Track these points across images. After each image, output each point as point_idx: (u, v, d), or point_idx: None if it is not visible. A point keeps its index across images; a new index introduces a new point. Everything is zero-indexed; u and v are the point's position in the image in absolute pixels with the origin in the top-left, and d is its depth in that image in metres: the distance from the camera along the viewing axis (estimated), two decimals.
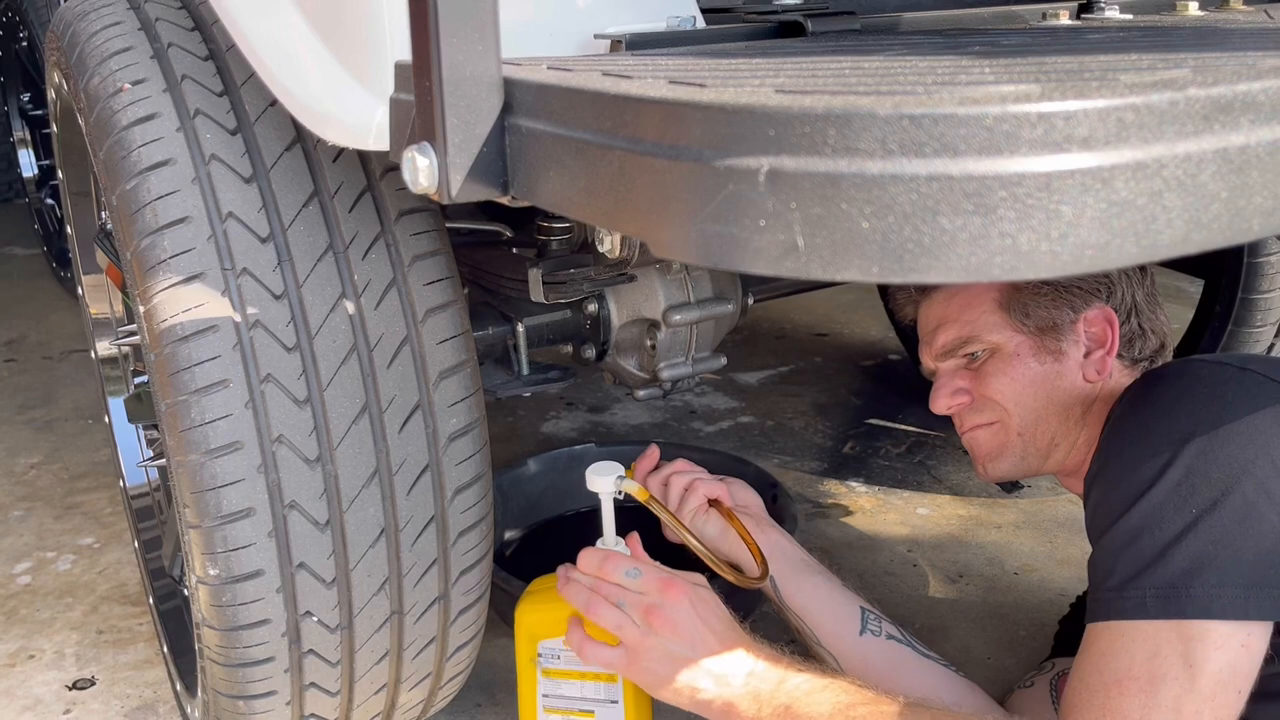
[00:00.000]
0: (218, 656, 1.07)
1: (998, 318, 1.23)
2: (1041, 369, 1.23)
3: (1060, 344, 1.22)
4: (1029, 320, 1.22)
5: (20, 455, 2.37)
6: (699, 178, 0.51)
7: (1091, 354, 1.22)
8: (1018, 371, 1.23)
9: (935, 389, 1.29)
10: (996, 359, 1.24)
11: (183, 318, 0.97)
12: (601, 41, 0.88)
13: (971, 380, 1.26)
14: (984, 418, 1.26)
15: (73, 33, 1.12)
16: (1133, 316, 1.24)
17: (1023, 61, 0.64)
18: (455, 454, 1.09)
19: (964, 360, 1.27)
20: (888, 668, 1.22)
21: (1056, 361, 1.23)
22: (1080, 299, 1.23)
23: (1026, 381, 1.23)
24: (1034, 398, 1.23)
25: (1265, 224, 0.51)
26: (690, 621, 1.09)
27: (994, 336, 1.24)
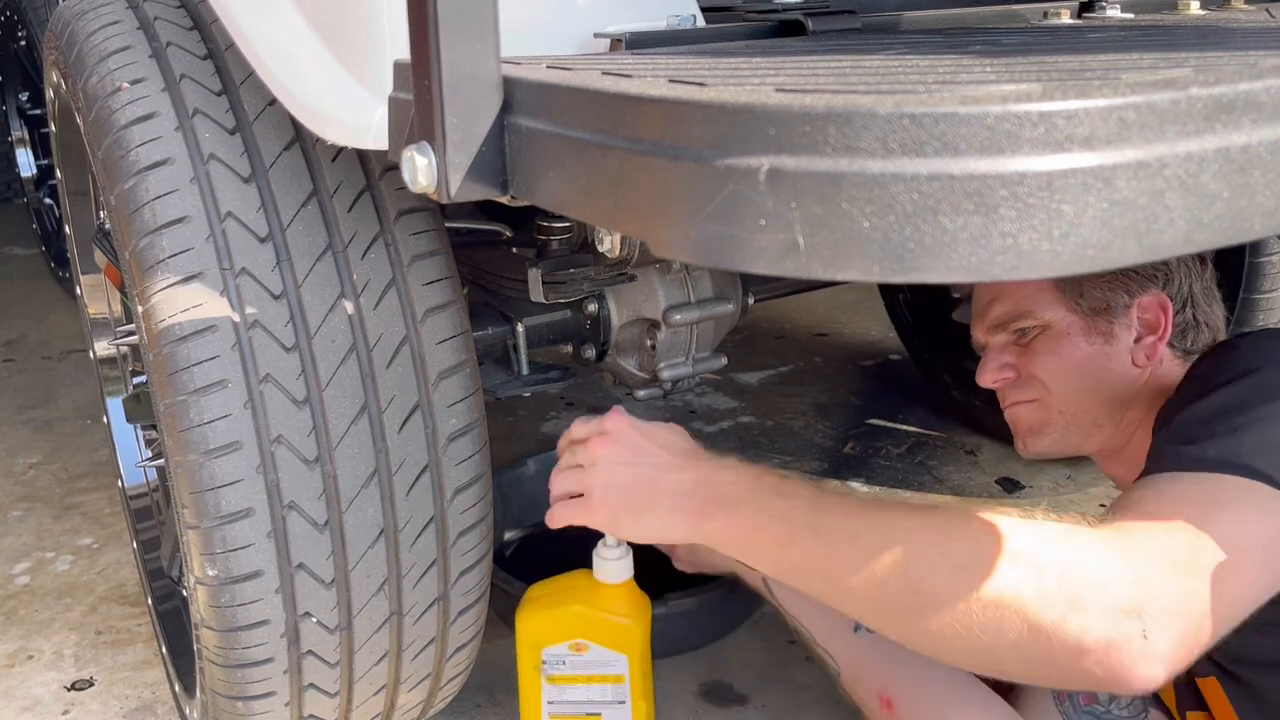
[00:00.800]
0: (216, 657, 1.07)
1: (1052, 295, 1.24)
2: (1090, 349, 1.23)
3: (1112, 326, 1.23)
4: (1083, 301, 1.23)
5: (19, 455, 2.37)
6: (699, 177, 0.51)
7: (1143, 339, 1.23)
8: (1065, 351, 1.24)
9: (983, 362, 1.30)
10: (1046, 337, 1.25)
11: (181, 318, 0.97)
12: (601, 40, 0.88)
13: (1019, 356, 1.27)
14: (1026, 394, 1.27)
15: (71, 32, 1.12)
16: (1188, 307, 1.25)
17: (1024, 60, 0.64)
18: (455, 454, 1.08)
19: (1014, 335, 1.28)
20: (886, 666, 1.21)
21: (1106, 344, 1.23)
22: (1137, 284, 1.23)
23: (1073, 361, 1.23)
24: (1078, 378, 1.23)
25: (1267, 224, 0.51)
26: (631, 436, 1.01)
27: (1046, 314, 1.24)
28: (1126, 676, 0.79)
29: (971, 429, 2.35)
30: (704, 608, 1.55)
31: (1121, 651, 0.78)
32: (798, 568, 0.90)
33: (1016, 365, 1.27)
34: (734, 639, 1.66)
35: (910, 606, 0.83)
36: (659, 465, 0.99)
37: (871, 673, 1.22)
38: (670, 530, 0.96)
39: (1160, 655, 0.79)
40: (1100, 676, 0.79)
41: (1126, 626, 0.78)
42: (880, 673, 1.21)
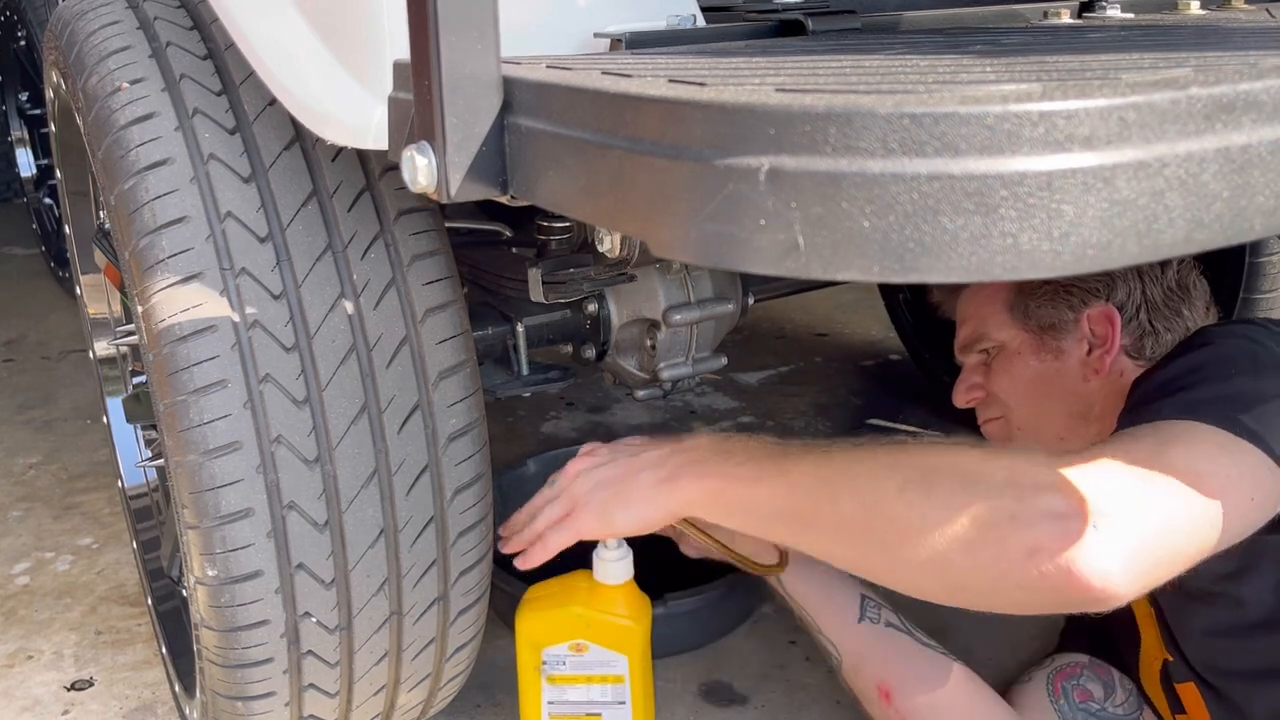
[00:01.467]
0: (216, 657, 1.07)
1: (1004, 316, 1.28)
2: (1040, 367, 1.26)
3: (1060, 342, 1.25)
4: (1030, 319, 1.26)
5: (19, 455, 2.37)
6: (699, 177, 0.51)
7: (1092, 352, 1.24)
8: (1017, 370, 1.27)
9: (956, 384, 1.36)
10: (1002, 357, 1.29)
11: (181, 318, 0.97)
12: (601, 40, 0.88)
13: (984, 376, 1.32)
14: (992, 413, 1.33)
15: (71, 32, 1.12)
16: (1142, 313, 1.25)
17: (1024, 60, 0.64)
18: (455, 454, 1.08)
19: (982, 356, 1.32)
20: (886, 655, 1.22)
21: (1056, 359, 1.25)
22: (1078, 298, 1.25)
23: (1025, 379, 1.27)
24: (1031, 394, 1.26)
25: (1267, 223, 0.51)
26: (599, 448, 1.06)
27: (1000, 334, 1.29)
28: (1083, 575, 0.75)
29: (971, 429, 2.34)
30: (704, 607, 1.55)
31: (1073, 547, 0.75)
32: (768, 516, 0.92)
33: (983, 384, 1.32)
34: (734, 639, 1.66)
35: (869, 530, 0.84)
36: (632, 454, 1.03)
37: (872, 664, 1.23)
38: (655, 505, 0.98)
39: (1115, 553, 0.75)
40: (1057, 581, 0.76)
41: (1076, 522, 0.76)
42: (881, 664, 1.23)
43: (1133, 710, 1.26)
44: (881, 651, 1.23)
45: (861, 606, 1.25)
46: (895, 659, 1.22)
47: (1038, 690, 1.27)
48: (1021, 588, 0.78)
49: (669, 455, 0.99)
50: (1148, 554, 0.78)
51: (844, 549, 0.89)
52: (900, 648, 1.23)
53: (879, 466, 0.86)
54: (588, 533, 1.05)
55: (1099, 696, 1.26)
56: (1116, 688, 1.27)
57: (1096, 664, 1.29)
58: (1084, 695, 1.26)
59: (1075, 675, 1.28)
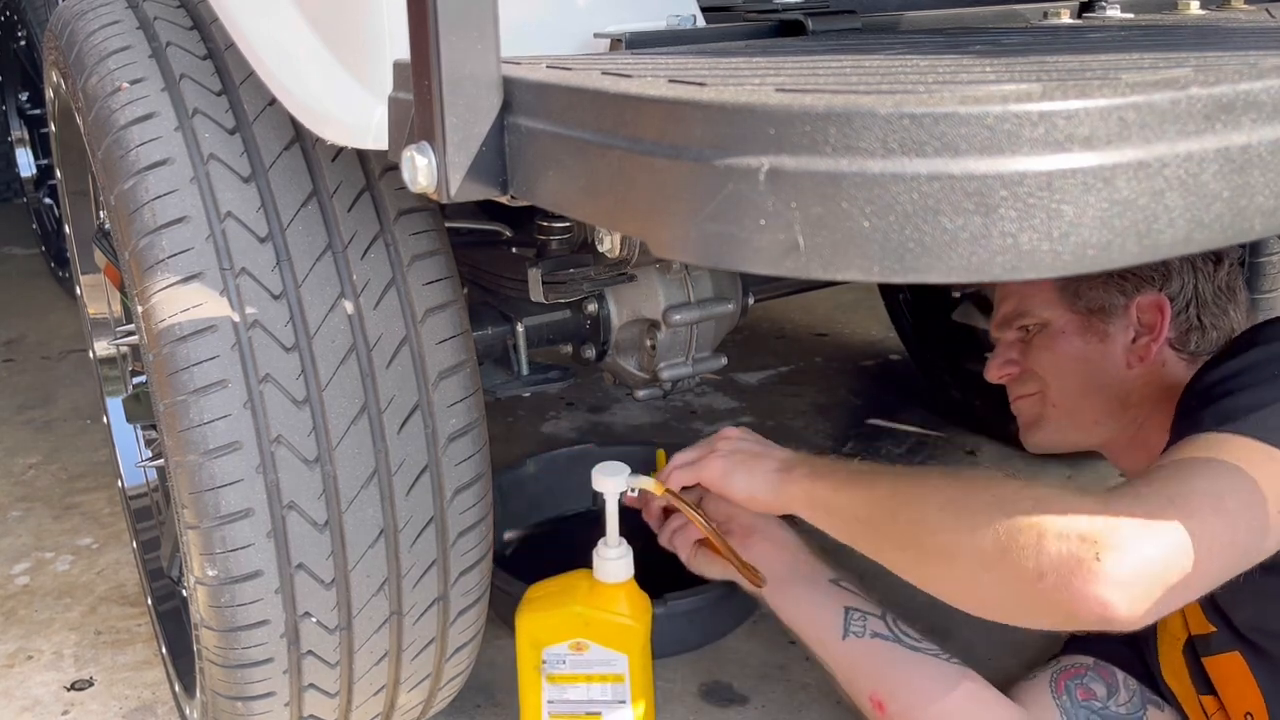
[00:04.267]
0: (216, 657, 1.07)
1: (1052, 295, 1.28)
2: (1084, 348, 1.26)
3: (1107, 326, 1.25)
4: (1079, 300, 1.26)
5: (19, 455, 2.37)
6: (699, 177, 0.51)
7: (1138, 339, 1.25)
8: (1060, 348, 1.27)
9: (991, 358, 1.36)
10: (1044, 334, 1.29)
11: (181, 317, 0.97)
12: (601, 40, 0.88)
13: (1021, 352, 1.32)
14: (1027, 389, 1.32)
15: (71, 32, 1.12)
16: (1191, 307, 1.26)
17: (1024, 60, 0.64)
18: (455, 454, 1.08)
19: (1020, 332, 1.32)
20: (875, 668, 1.21)
21: (1100, 342, 1.26)
22: (1133, 284, 1.25)
23: (1067, 358, 1.27)
24: (1072, 374, 1.27)
25: (1267, 223, 0.51)
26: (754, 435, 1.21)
27: (1045, 312, 1.28)
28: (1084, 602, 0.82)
29: (971, 429, 2.35)
30: (704, 607, 1.55)
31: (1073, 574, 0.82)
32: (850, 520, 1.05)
33: (1019, 361, 1.32)
34: (734, 639, 1.66)
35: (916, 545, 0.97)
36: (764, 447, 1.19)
37: (862, 677, 1.22)
38: (768, 487, 1.13)
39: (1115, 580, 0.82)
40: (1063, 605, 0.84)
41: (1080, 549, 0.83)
42: (870, 677, 1.22)
43: (1135, 710, 1.26)
44: (870, 664, 1.22)
45: (845, 622, 1.23)
46: (884, 669, 1.21)
47: (1040, 687, 1.27)
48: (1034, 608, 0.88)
49: (795, 459, 1.15)
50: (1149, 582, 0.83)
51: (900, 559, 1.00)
52: (888, 657, 1.21)
53: (929, 488, 0.98)
54: (706, 480, 1.18)
55: (1101, 696, 1.26)
56: (1120, 688, 1.27)
57: (1101, 666, 1.29)
58: (1087, 694, 1.26)
59: (1079, 675, 1.28)
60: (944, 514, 0.93)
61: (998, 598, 0.90)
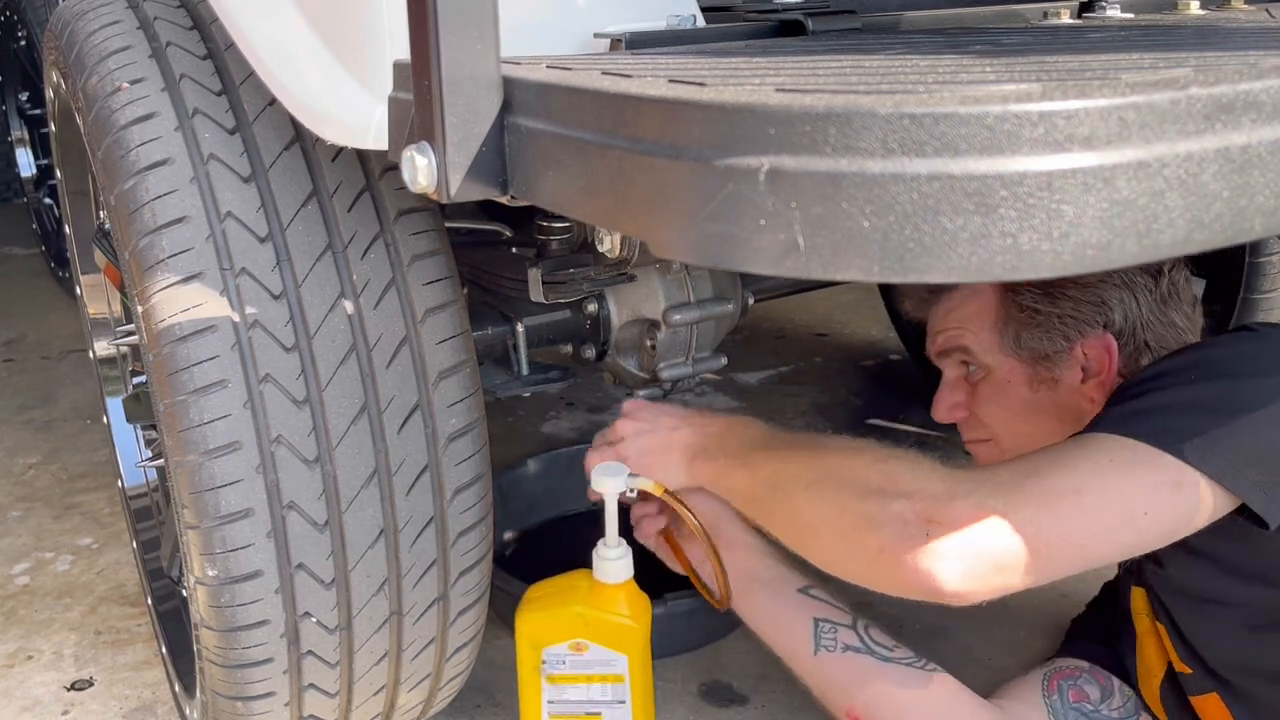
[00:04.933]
0: (216, 657, 1.07)
1: (991, 338, 1.22)
2: (1034, 397, 1.21)
3: (1054, 371, 1.20)
4: (1020, 348, 1.20)
5: (19, 455, 2.37)
6: (699, 177, 0.51)
7: (1088, 380, 1.20)
8: (1008, 400, 1.22)
9: (937, 397, 1.31)
10: (989, 383, 1.24)
11: (181, 317, 0.97)
12: (601, 40, 0.88)
13: (968, 396, 1.27)
14: (977, 435, 1.28)
15: (71, 32, 1.12)
16: (1136, 332, 1.21)
17: (1024, 60, 0.64)
18: (455, 454, 1.08)
19: (962, 369, 1.27)
20: (848, 681, 1.18)
21: (1050, 390, 1.21)
22: (1074, 329, 1.20)
23: (1017, 409, 1.22)
24: (1025, 424, 1.21)
25: (1267, 223, 0.51)
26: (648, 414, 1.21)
27: (987, 358, 1.23)
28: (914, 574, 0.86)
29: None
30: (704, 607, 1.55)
31: (903, 546, 0.87)
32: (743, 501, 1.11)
33: (966, 405, 1.27)
34: (734, 639, 1.66)
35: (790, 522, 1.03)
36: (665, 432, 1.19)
37: (835, 692, 1.20)
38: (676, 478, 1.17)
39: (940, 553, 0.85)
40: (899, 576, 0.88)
41: (913, 527, 0.87)
42: (844, 691, 1.19)
43: (1129, 715, 1.25)
44: (843, 678, 1.19)
45: (815, 635, 1.20)
46: (857, 683, 1.18)
47: (1032, 685, 1.26)
48: (880, 579, 0.92)
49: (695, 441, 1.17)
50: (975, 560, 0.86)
51: (783, 534, 1.06)
52: (861, 670, 1.18)
53: (801, 465, 1.02)
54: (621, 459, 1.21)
55: (1094, 699, 1.25)
56: (1115, 693, 1.26)
57: (1097, 670, 1.28)
58: (1079, 696, 1.25)
59: (1073, 676, 1.27)
60: (808, 492, 0.99)
61: (855, 568, 0.94)
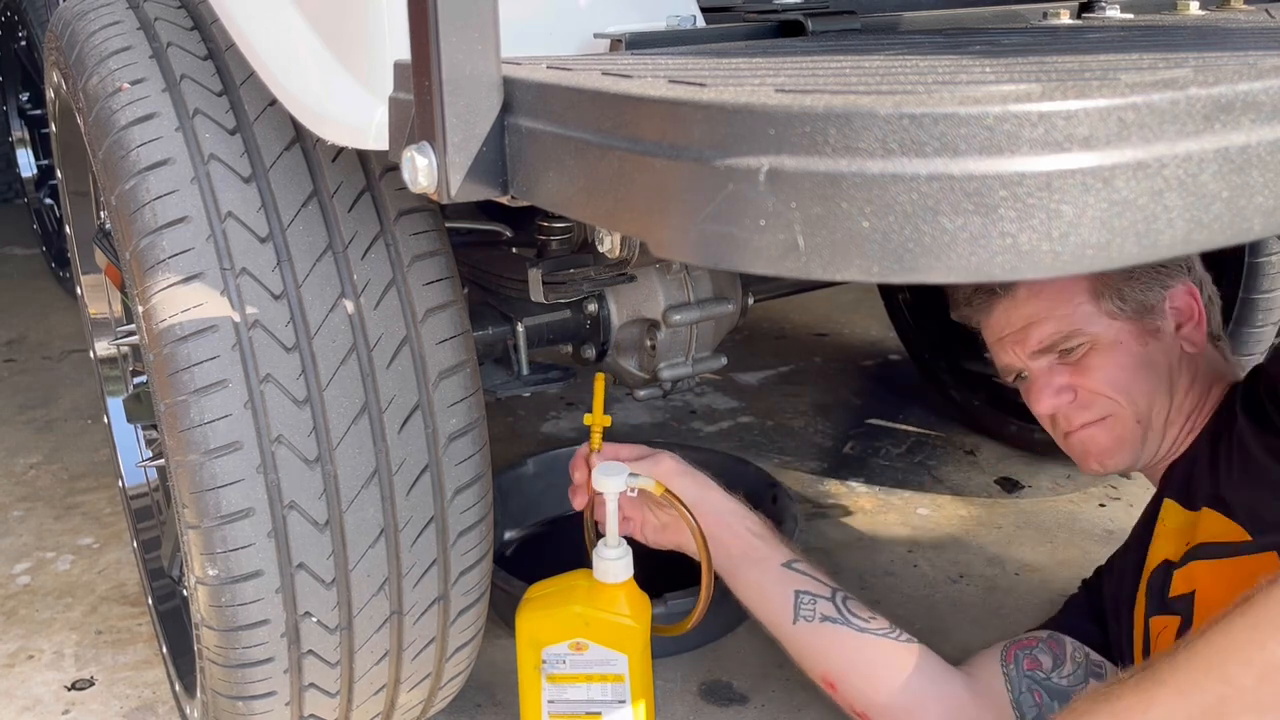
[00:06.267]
0: (217, 657, 1.07)
1: (1093, 307, 1.22)
2: (1145, 352, 1.21)
3: (1157, 322, 1.22)
4: (1125, 305, 1.21)
5: (20, 455, 2.37)
6: (699, 177, 0.51)
7: (1183, 328, 1.23)
8: (1124, 359, 1.21)
9: (1036, 389, 1.25)
10: (1098, 351, 1.21)
11: (182, 318, 0.97)
12: (601, 41, 0.88)
13: (1073, 375, 1.23)
14: (1094, 413, 1.23)
15: (71, 32, 1.12)
16: (1205, 287, 1.26)
17: (1023, 61, 0.64)
18: (455, 454, 1.09)
19: (1056, 355, 1.24)
20: (825, 650, 1.24)
21: (1158, 340, 1.22)
22: (1169, 275, 1.23)
23: (1135, 368, 1.21)
24: (1145, 381, 1.21)
25: (1266, 224, 0.51)
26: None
27: (1094, 328, 1.21)
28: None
29: (971, 429, 2.35)
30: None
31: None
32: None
33: (1074, 385, 1.22)
34: (734, 639, 1.66)
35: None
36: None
37: (812, 660, 1.25)
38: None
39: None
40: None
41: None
42: (820, 659, 1.25)
43: (1077, 683, 1.27)
44: (820, 647, 1.24)
45: (796, 606, 1.24)
46: (833, 651, 1.23)
47: (992, 656, 1.29)
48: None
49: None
50: None
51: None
52: (837, 639, 1.23)
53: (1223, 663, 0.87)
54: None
55: (1046, 667, 1.27)
56: (1066, 661, 1.28)
57: (1054, 639, 1.30)
58: (1033, 664, 1.27)
59: (1029, 646, 1.29)
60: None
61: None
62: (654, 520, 1.29)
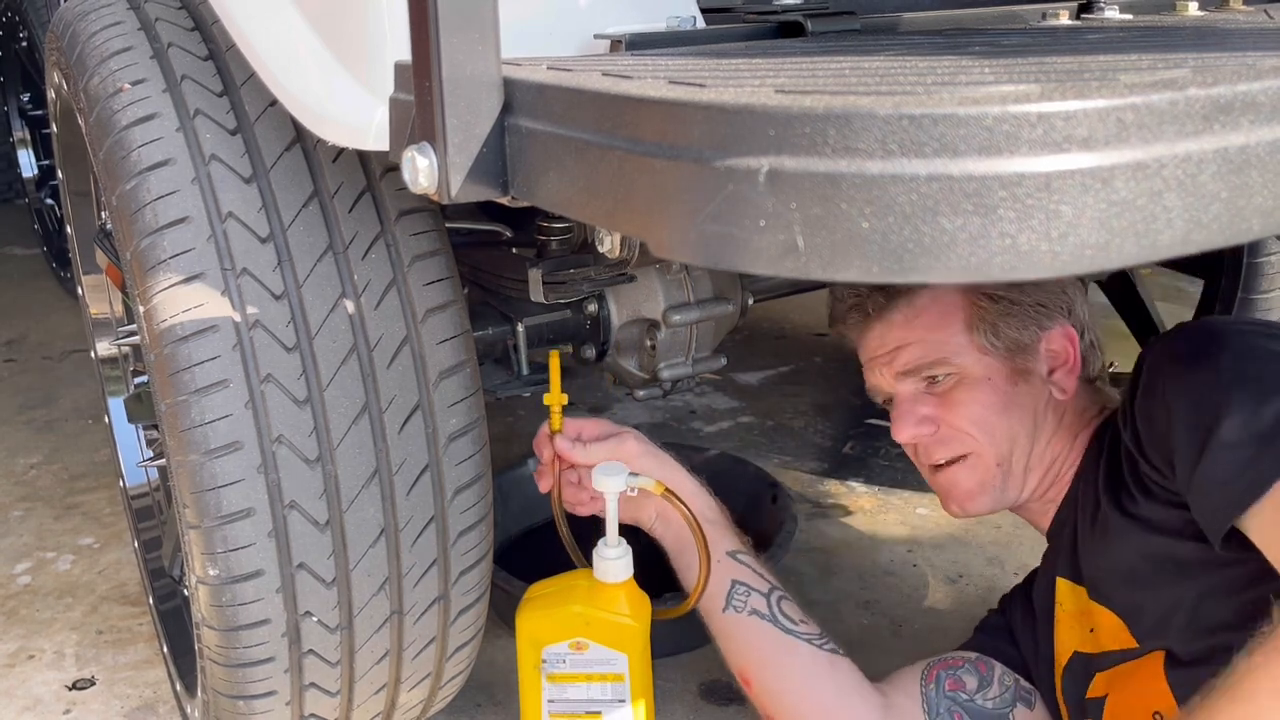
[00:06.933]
0: (217, 656, 1.07)
1: (965, 339, 1.18)
2: (1014, 391, 1.18)
3: (1029, 363, 1.18)
4: (998, 341, 1.18)
5: (20, 455, 2.37)
6: (699, 178, 0.51)
7: (1055, 372, 1.20)
8: (990, 398, 1.17)
9: (898, 416, 1.22)
10: (965, 385, 1.18)
11: (182, 318, 0.97)
12: (601, 41, 0.88)
13: (937, 407, 1.19)
14: (954, 450, 1.19)
15: (73, 33, 1.12)
16: (1087, 333, 1.22)
17: (1023, 61, 0.64)
18: (455, 454, 1.09)
19: (923, 384, 1.20)
20: (747, 644, 1.23)
21: (1026, 383, 1.18)
22: (1045, 317, 1.19)
23: (1000, 407, 1.17)
24: (1008, 423, 1.17)
25: (1265, 224, 0.51)
26: None
27: (963, 359, 1.18)
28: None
29: None
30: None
31: None
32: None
33: (936, 418, 1.19)
34: None
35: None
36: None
37: (732, 652, 1.24)
38: None
39: None
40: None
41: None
42: (740, 652, 1.23)
43: (1003, 706, 1.24)
44: (742, 639, 1.23)
45: (729, 595, 1.23)
46: (754, 647, 1.22)
47: (912, 674, 1.26)
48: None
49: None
50: None
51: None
52: (760, 636, 1.21)
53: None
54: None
55: (970, 688, 1.24)
56: (994, 683, 1.26)
57: (982, 660, 1.28)
58: (955, 685, 1.25)
59: (954, 666, 1.27)
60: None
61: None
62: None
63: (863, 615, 1.77)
